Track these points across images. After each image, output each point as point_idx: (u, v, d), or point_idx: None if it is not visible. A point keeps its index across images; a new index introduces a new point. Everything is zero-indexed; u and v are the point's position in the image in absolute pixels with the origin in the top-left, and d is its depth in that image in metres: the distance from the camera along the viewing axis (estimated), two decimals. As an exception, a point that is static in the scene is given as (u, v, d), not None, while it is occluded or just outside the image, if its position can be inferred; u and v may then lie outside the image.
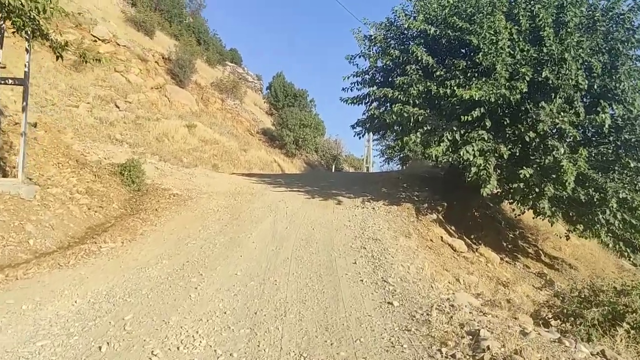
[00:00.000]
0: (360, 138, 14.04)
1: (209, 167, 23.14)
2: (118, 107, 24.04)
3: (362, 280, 6.47)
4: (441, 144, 10.67)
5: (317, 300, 5.73)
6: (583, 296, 6.79)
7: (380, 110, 12.60)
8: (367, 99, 13.69)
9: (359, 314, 5.33)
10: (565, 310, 6.51)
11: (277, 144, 26.41)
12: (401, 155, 23.09)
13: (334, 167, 27.85)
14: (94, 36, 25.47)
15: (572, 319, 6.37)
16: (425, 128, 11.03)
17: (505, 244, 13.32)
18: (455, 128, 10.74)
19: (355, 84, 14.02)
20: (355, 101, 13.71)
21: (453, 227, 12.28)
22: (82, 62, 10.42)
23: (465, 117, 10.33)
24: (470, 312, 5.37)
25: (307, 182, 15.44)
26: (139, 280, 6.30)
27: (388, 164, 22.83)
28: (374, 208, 11.35)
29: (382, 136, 14.43)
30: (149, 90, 26.12)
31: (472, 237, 12.61)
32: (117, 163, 13.43)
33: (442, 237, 10.93)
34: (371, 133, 26.86)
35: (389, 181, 14.11)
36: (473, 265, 10.51)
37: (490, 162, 10.54)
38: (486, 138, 10.67)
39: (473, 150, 10.48)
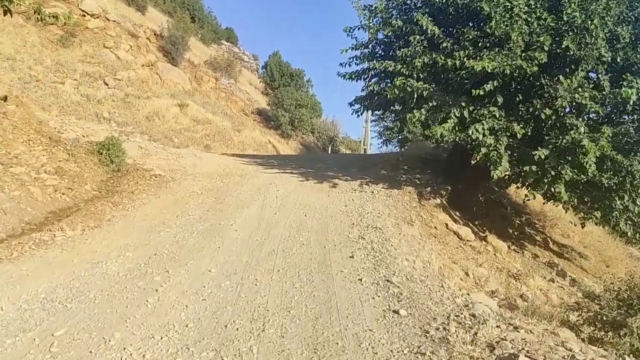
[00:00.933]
0: (358, 116, 12.75)
1: (201, 147, 21.84)
2: (107, 85, 22.60)
3: (360, 280, 5.24)
4: (448, 122, 9.37)
5: (305, 307, 4.50)
6: (622, 299, 5.58)
7: (381, 86, 11.26)
8: (367, 74, 12.32)
9: (357, 327, 4.10)
10: (602, 317, 5.31)
11: (272, 124, 25.05)
12: (400, 137, 21.84)
13: (330, 148, 26.50)
14: (83, 10, 23.83)
15: (612, 327, 5.17)
16: (430, 104, 9.71)
17: (511, 231, 12.11)
18: (463, 104, 9.43)
19: (354, 58, 12.61)
20: (353, 76, 12.33)
21: (458, 213, 11.06)
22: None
23: (477, 90, 9.01)
24: (497, 326, 4.15)
25: (302, 163, 14.17)
26: (91, 279, 5.05)
27: (386, 145, 21.58)
28: (372, 192, 10.09)
29: (382, 115, 13.14)
30: (139, 68, 24.63)
31: (477, 223, 11.39)
32: (96, 141, 12.10)
33: (447, 224, 9.71)
34: (369, 113, 25.43)
35: (389, 163, 12.85)
36: (481, 255, 9.31)
37: (501, 142, 9.26)
38: (497, 115, 9.37)
39: (483, 128, 9.20)
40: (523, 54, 8.99)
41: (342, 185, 10.95)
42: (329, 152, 25.73)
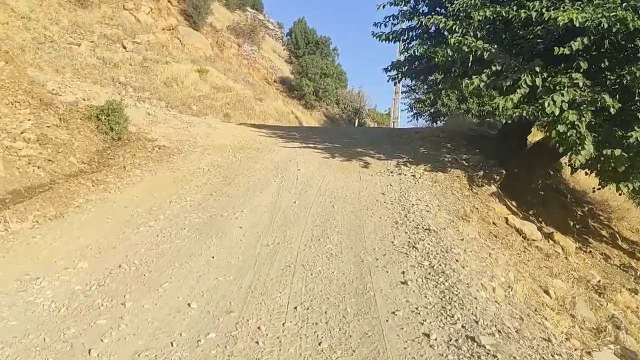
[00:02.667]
0: (395, 84, 10.43)
1: (220, 116, 19.76)
2: (125, 48, 20.46)
3: (427, 336, 3.09)
4: (517, 91, 7.01)
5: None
6: None
7: (426, 47, 8.83)
8: (406, 35, 9.90)
9: None
10: None
11: (296, 94, 22.73)
12: (432, 110, 19.36)
13: (357, 121, 23.98)
14: (100, -31, 21.59)
15: None
16: (492, 69, 7.33)
17: (572, 224, 9.77)
18: (538, 69, 7.04)
19: (391, 17, 10.20)
20: (390, 37, 9.91)
21: (514, 203, 8.79)
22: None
23: (561, 49, 6.60)
24: None
25: (327, 137, 11.96)
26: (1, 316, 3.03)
27: (417, 119, 19.14)
28: (414, 175, 7.85)
29: (420, 83, 10.73)
30: (159, 31, 22.40)
31: (531, 213, 9.10)
32: (97, 106, 10.04)
33: (506, 219, 7.46)
34: (399, 84, 22.90)
35: (428, 140, 10.56)
36: (550, 259, 7.07)
37: (584, 119, 6.89)
38: (581, 85, 6.97)
39: (562, 100, 6.83)
40: (624, 3, 6.51)
41: (375, 166, 8.73)
42: (355, 125, 23.27)
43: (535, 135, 10.75)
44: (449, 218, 6.10)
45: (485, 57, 7.33)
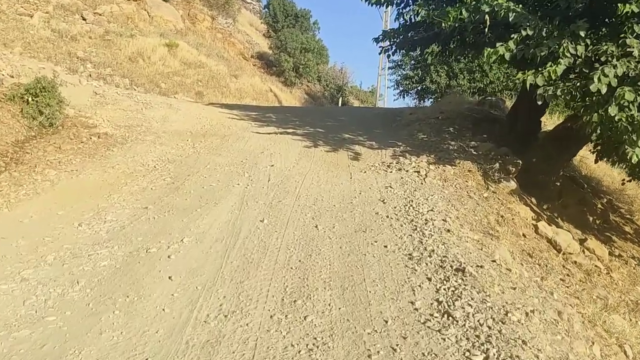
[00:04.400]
0: (389, 56, 8.32)
1: (192, 94, 17.44)
2: (84, 20, 17.86)
3: None
4: (561, 61, 5.05)
5: None
6: None
7: (427, 9, 6.71)
8: (401, -3, 7.80)
9: None
10: None
11: (274, 70, 20.38)
12: (420, 88, 17.36)
13: (340, 100, 21.66)
14: None
15: None
16: (523, 34, 5.33)
17: (592, 219, 8.04)
18: (582, 33, 5.07)
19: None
20: (383, 1, 7.79)
21: (533, 200, 6.98)
22: None
23: (626, 6, 4.64)
24: None
25: (308, 119, 9.89)
26: None
27: (403, 97, 17.11)
28: (418, 172, 5.89)
29: (421, 54, 8.72)
30: (124, 2, 19.72)
31: (546, 207, 7.31)
32: (24, 84, 7.78)
33: (535, 227, 5.63)
34: (383, 59, 20.70)
35: (426, 123, 8.60)
36: (592, 278, 5.31)
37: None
38: (637, 54, 5.05)
39: (616, 75, 4.92)
40: None
41: (367, 157, 6.75)
42: (339, 104, 21.05)
43: (550, 118, 8.91)
44: (476, 238, 4.20)
45: (510, 19, 5.33)
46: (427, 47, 8.12)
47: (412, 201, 4.85)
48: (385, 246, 3.69)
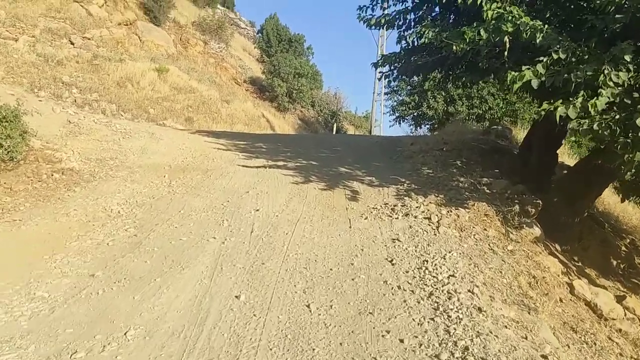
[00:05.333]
0: (389, 82, 7.45)
1: (182, 120, 16.53)
2: (72, 44, 16.99)
3: None
4: (602, 92, 4.14)
5: None
6: None
7: (435, 31, 5.80)
8: (402, 20, 6.95)
9: None
10: None
11: (267, 95, 19.54)
12: (416, 114, 16.51)
13: (335, 126, 20.66)
14: (45, -45, 17.99)
15: None
16: (553, 57, 4.42)
17: (616, 263, 7.07)
18: (627, 58, 4.18)
19: (381, 1, 7.29)
20: (382, 22, 6.92)
21: (557, 246, 6.01)
22: None
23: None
24: None
25: (301, 149, 8.94)
26: None
27: (399, 123, 16.24)
28: (429, 218, 4.90)
29: (423, 80, 7.76)
30: (114, 26, 18.93)
31: (562, 248, 6.33)
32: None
33: (571, 287, 4.63)
34: (379, 84, 19.91)
35: (430, 155, 7.67)
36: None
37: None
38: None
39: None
40: None
41: (368, 197, 5.77)
42: (334, 131, 20.08)
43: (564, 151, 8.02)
44: (513, 317, 3.20)
45: (537, 40, 4.44)
46: (431, 72, 7.25)
47: (426, 261, 3.84)
48: (402, 340, 2.67)
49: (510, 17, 4.36)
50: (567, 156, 9.61)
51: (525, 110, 14.52)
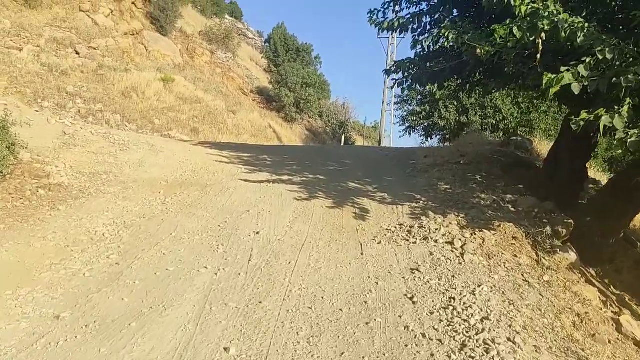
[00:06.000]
0: (403, 90, 6.89)
1: (187, 131, 16.12)
2: (78, 54, 16.67)
3: None
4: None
5: None
6: None
7: (457, 33, 5.20)
8: (417, 23, 6.38)
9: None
10: None
11: (275, 106, 19.06)
12: (426, 124, 15.91)
13: (343, 137, 20.08)
14: (52, -34, 17.79)
15: None
16: (594, 58, 3.81)
17: (652, 288, 6.36)
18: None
19: (391, 3, 6.71)
20: (395, 26, 6.36)
21: (592, 271, 5.35)
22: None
23: None
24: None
25: (307, 162, 8.37)
26: None
27: (409, 134, 15.65)
28: (451, 242, 4.28)
29: (439, 88, 7.11)
30: (120, 36, 18.62)
31: (593, 271, 5.64)
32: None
33: (618, 323, 3.97)
34: (388, 93, 19.27)
35: (446, 169, 7.05)
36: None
37: None
38: None
39: None
40: None
41: (380, 216, 5.17)
42: (342, 142, 19.48)
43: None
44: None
45: (577, 40, 3.84)
46: (448, 80, 6.66)
47: (453, 299, 3.22)
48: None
49: (547, 13, 3.77)
50: (592, 170, 8.93)
51: (541, 120, 13.86)
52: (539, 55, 4.28)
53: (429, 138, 15.49)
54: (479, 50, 4.63)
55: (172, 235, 4.35)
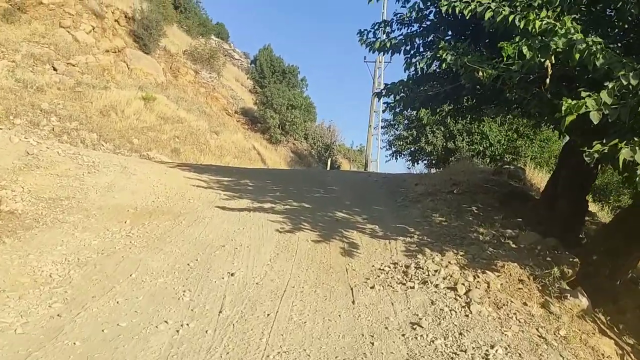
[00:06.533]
0: (395, 114, 6.41)
1: (167, 151, 15.43)
2: (55, 70, 15.95)
3: None
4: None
5: None
6: None
7: (455, 55, 4.73)
8: (409, 44, 5.95)
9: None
10: None
11: (259, 127, 18.51)
12: (413, 149, 15.56)
13: (329, 161, 19.48)
14: (35, -19, 17.20)
15: None
16: (622, 83, 3.36)
17: (658, 330, 5.88)
18: None
19: (382, 25, 6.27)
20: (387, 46, 5.91)
21: (602, 317, 4.83)
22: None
23: None
24: None
25: (292, 187, 7.79)
26: None
27: (396, 159, 15.24)
28: (453, 288, 3.72)
29: (432, 113, 6.59)
30: (101, 53, 18.00)
31: (597, 309, 5.12)
32: None
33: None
34: (375, 117, 18.85)
35: (439, 198, 6.55)
36: None
37: None
38: None
39: None
40: None
41: (372, 253, 4.60)
42: (329, 166, 18.95)
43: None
44: None
45: (597, 62, 3.41)
46: (443, 104, 6.22)
47: (465, 366, 2.64)
48: None
49: (563, 31, 3.32)
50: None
51: (528, 147, 13.62)
52: (547, 80, 3.84)
53: (416, 163, 15.11)
54: (480, 73, 4.18)
55: (132, 277, 3.69)
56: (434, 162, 14.49)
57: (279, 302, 3.34)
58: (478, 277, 4.06)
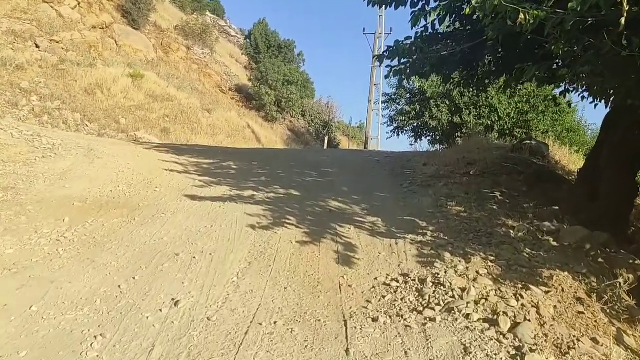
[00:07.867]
0: (401, 80, 4.84)
1: (157, 131, 14.11)
2: (38, 47, 14.48)
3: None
4: None
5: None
6: None
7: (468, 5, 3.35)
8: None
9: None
10: None
11: (254, 104, 17.08)
12: (416, 124, 14.14)
13: (327, 139, 17.98)
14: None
15: None
16: None
17: None
18: None
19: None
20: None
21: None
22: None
23: None
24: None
25: (280, 171, 6.50)
26: None
27: (398, 135, 13.84)
28: (494, 322, 2.49)
29: (444, 80, 5.41)
30: (87, 29, 16.46)
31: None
32: None
33: None
34: (375, 90, 17.17)
35: (454, 181, 5.25)
36: None
37: None
38: None
39: None
40: None
41: (374, 260, 3.34)
42: (326, 145, 17.42)
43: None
44: None
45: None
46: (461, 67, 4.86)
47: None
48: None
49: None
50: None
51: (540, 121, 12.21)
52: (623, 20, 2.51)
53: (419, 139, 13.71)
54: (521, 16, 2.82)
55: (31, 310, 2.46)
56: (438, 138, 13.11)
57: (235, 356, 2.10)
58: (521, 296, 2.82)
